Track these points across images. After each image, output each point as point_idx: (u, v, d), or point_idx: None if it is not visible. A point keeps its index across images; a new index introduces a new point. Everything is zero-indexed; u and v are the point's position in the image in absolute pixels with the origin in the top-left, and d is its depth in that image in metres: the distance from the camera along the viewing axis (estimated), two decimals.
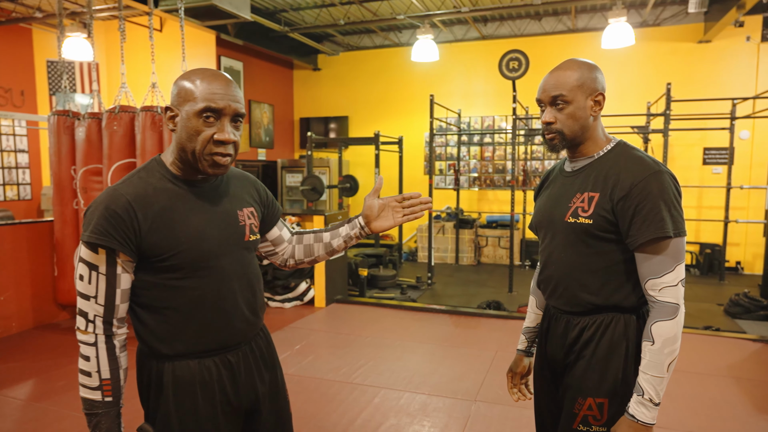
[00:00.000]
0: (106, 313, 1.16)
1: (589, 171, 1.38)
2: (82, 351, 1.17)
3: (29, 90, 7.33)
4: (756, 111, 6.36)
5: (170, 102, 1.21)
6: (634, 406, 1.26)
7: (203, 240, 1.22)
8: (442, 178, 8.67)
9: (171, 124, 1.21)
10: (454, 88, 8.45)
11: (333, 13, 7.50)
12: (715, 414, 3.00)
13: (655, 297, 1.27)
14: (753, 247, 7.16)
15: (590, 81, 1.36)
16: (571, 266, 1.38)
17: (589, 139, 1.39)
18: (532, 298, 1.66)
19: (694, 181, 7.30)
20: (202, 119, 1.16)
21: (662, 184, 1.26)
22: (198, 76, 1.18)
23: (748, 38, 6.95)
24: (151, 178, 1.21)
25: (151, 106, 4.09)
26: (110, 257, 1.15)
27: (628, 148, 1.37)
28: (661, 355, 1.24)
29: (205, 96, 1.16)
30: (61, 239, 4.46)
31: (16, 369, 3.61)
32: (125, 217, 1.14)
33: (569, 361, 1.41)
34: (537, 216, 1.52)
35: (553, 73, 1.38)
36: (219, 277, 1.25)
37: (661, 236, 1.24)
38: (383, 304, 5.39)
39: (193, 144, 1.17)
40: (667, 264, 1.25)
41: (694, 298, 5.76)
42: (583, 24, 7.78)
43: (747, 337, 4.37)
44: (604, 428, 1.34)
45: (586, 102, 1.35)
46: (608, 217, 1.31)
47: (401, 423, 2.88)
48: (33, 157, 7.43)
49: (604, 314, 1.36)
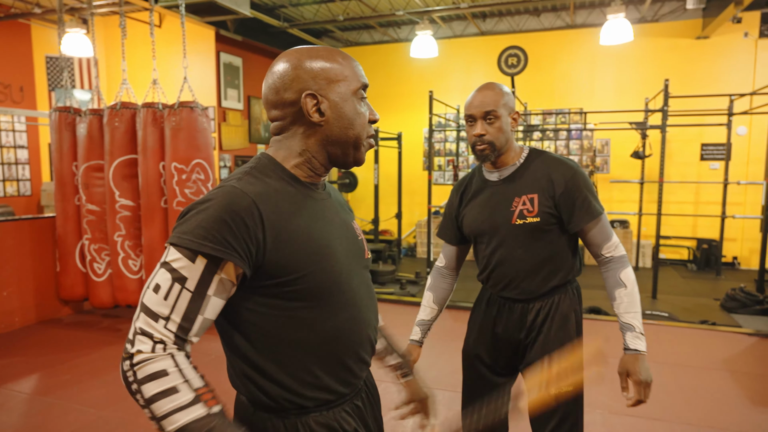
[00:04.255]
0: (177, 340, 0.86)
1: (517, 177, 1.63)
2: (147, 370, 0.82)
3: (28, 86, 7.33)
4: (753, 107, 6.39)
5: (304, 89, 0.96)
6: (632, 341, 1.51)
7: (335, 258, 0.99)
8: (440, 173, 8.70)
9: (316, 116, 0.97)
10: (453, 84, 8.46)
11: (332, 9, 7.50)
12: (712, 407, 3.05)
13: (612, 254, 1.58)
14: (749, 243, 7.21)
15: (510, 101, 1.61)
16: (524, 263, 1.62)
17: (509, 150, 1.64)
18: (429, 294, 1.86)
19: (691, 177, 7.34)
20: (360, 99, 1.00)
21: (584, 177, 1.59)
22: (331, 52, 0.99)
23: (746, 34, 6.97)
24: (269, 178, 0.97)
25: (152, 102, 4.11)
26: (210, 269, 0.86)
27: (544, 153, 1.66)
28: (634, 294, 1.54)
29: (354, 72, 0.99)
30: (63, 235, 4.48)
31: (20, 363, 3.64)
32: (249, 222, 0.88)
33: (528, 341, 1.66)
34: (474, 224, 1.69)
35: (482, 91, 1.61)
36: (353, 304, 1.02)
37: (598, 214, 1.58)
38: (383, 299, 5.43)
39: (356, 130, 0.99)
40: (609, 230, 1.59)
41: (692, 292, 5.80)
42: (581, 20, 7.79)
43: (743, 331, 4.42)
44: (569, 386, 1.55)
45: (508, 118, 1.60)
46: (551, 211, 1.58)
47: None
48: (32, 153, 7.43)
49: (553, 295, 1.64)
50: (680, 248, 7.48)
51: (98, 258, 4.40)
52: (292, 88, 0.96)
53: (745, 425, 2.83)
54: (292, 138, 1.00)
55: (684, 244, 7.45)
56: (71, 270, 4.50)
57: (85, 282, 4.52)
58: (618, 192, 7.58)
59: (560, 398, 1.55)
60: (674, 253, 7.51)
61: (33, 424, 2.80)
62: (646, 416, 2.91)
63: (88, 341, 4.10)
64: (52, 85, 7.56)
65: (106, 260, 4.40)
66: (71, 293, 4.54)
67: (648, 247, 7.26)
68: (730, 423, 2.85)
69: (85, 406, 2.98)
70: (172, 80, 5.58)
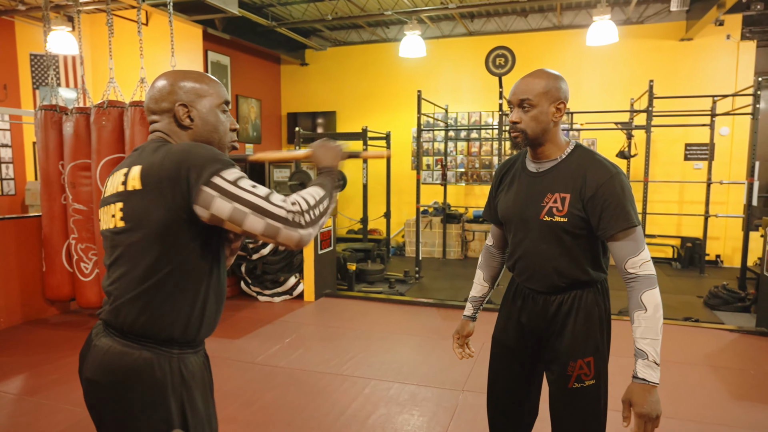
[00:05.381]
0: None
1: (555, 173, 1.58)
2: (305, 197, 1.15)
3: (12, 84, 7.24)
4: (735, 108, 6.52)
5: (179, 99, 1.25)
6: (642, 369, 1.41)
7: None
8: (429, 173, 8.74)
9: (187, 121, 1.25)
10: (441, 84, 8.50)
11: (320, 9, 7.51)
12: (695, 401, 3.11)
13: (636, 272, 1.46)
14: (732, 241, 7.34)
15: (555, 90, 1.54)
16: (547, 257, 1.59)
17: (550, 142, 1.58)
18: (480, 272, 1.91)
19: (675, 177, 7.46)
20: (221, 112, 1.29)
21: (622, 183, 1.49)
22: (199, 75, 1.29)
23: (728, 36, 7.10)
24: None
25: (140, 101, 4.09)
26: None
27: (588, 152, 1.58)
28: (654, 319, 1.42)
29: (217, 90, 1.28)
30: (50, 234, 4.44)
31: (7, 364, 3.61)
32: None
33: (552, 331, 1.63)
34: (506, 211, 1.70)
35: (524, 79, 1.57)
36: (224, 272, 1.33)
37: (630, 225, 1.46)
38: (372, 298, 5.45)
39: (218, 135, 1.28)
40: (639, 245, 1.47)
41: (676, 290, 5.90)
42: (568, 21, 7.87)
43: (725, 327, 4.51)
44: (593, 381, 1.58)
45: (549, 108, 1.54)
46: (580, 214, 1.52)
47: (391, 412, 2.95)
48: (17, 152, 7.34)
49: (575, 290, 1.60)
50: (665, 247, 7.60)
51: (85, 258, 4.37)
52: (168, 100, 1.24)
53: (726, 418, 2.90)
54: (174, 134, 1.25)
55: (668, 243, 7.57)
56: (58, 270, 4.46)
57: (71, 282, 4.48)
58: None
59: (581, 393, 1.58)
60: (659, 252, 7.63)
61: (21, 424, 2.78)
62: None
63: (75, 341, 4.07)
64: (37, 83, 7.48)
65: (94, 260, 4.37)
66: (58, 293, 4.50)
67: None
68: (712, 416, 2.92)
69: (73, 406, 2.96)
70: None
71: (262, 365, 3.63)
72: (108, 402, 1.17)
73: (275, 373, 3.49)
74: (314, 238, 5.37)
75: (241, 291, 5.56)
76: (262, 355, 3.81)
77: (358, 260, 6.51)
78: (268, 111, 9.18)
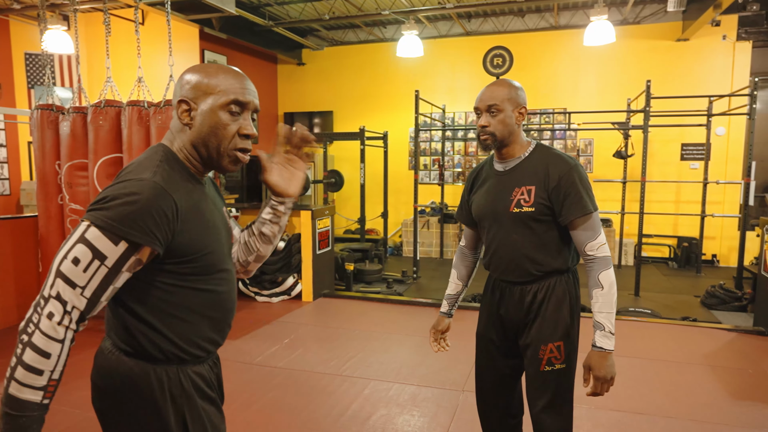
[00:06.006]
0: (86, 309, 1.01)
1: (520, 169, 1.74)
2: (40, 344, 0.98)
3: (7, 83, 7.19)
4: (731, 108, 6.54)
5: (182, 95, 1.15)
6: (600, 339, 1.61)
7: (220, 241, 1.21)
8: (426, 173, 8.74)
9: (186, 119, 1.14)
10: (439, 84, 8.50)
11: (318, 8, 7.49)
12: (693, 400, 3.12)
13: (594, 255, 1.64)
14: (728, 241, 7.37)
15: (516, 97, 1.72)
16: (518, 246, 1.73)
17: (514, 143, 1.75)
18: (455, 271, 2.03)
19: (672, 177, 7.48)
20: (228, 113, 1.14)
21: (580, 174, 1.66)
22: (217, 69, 1.16)
23: (724, 37, 7.13)
24: (174, 172, 1.13)
25: (137, 100, 4.07)
26: (129, 252, 1.02)
27: (547, 148, 1.76)
28: (609, 295, 1.61)
29: (230, 89, 1.14)
30: (46, 235, 4.41)
31: (3, 365, 3.57)
32: (170, 215, 1.05)
33: (528, 320, 1.75)
34: (479, 209, 1.83)
35: (489, 87, 1.73)
36: (229, 279, 1.24)
37: (587, 212, 1.63)
38: (370, 298, 5.44)
39: (218, 138, 1.14)
40: (596, 230, 1.64)
41: (673, 290, 5.92)
42: (565, 21, 7.89)
43: (722, 327, 4.53)
44: (563, 364, 1.71)
45: (513, 112, 1.71)
46: (545, 203, 1.67)
47: (391, 413, 2.94)
48: (11, 152, 7.29)
49: (548, 278, 1.73)
50: (661, 246, 7.63)
51: None
52: (177, 94, 1.16)
53: (725, 417, 2.90)
54: (177, 133, 1.18)
55: (665, 243, 7.59)
56: None
57: None
58: (601, 191, 7.69)
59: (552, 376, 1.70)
60: (656, 251, 7.65)
61: None
62: (629, 410, 2.97)
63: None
64: (32, 82, 7.43)
65: None
66: None
67: (630, 245, 7.38)
68: (711, 416, 2.93)
69: (72, 408, 2.94)
70: (155, 78, 5.52)
71: (260, 366, 3.62)
72: (107, 406, 1.16)
73: (274, 374, 3.48)
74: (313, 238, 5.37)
75: (239, 291, 5.54)
76: (261, 356, 3.80)
77: (355, 260, 6.50)
78: (264, 111, 9.15)
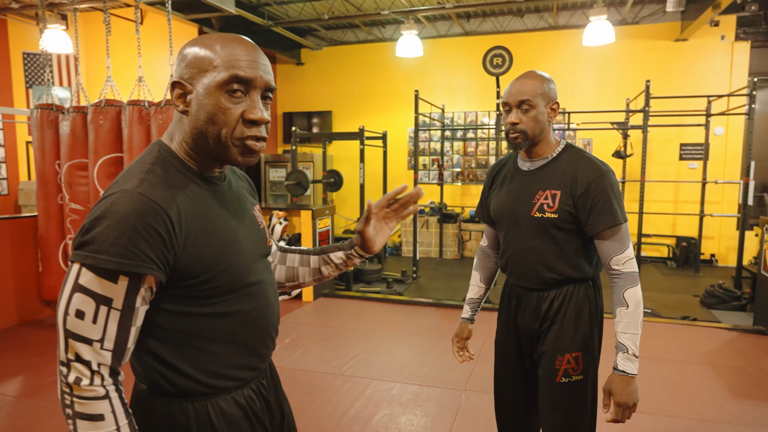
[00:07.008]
0: (114, 361, 0.85)
1: (547, 170, 1.61)
2: (86, 410, 0.83)
3: (5, 83, 7.17)
4: (730, 108, 6.56)
5: (177, 76, 0.92)
6: (622, 362, 1.48)
7: (239, 252, 0.99)
8: (425, 173, 8.74)
9: (181, 105, 0.93)
10: (438, 84, 8.50)
11: (317, 8, 7.48)
12: (694, 399, 3.13)
13: (620, 269, 1.51)
14: (727, 240, 7.40)
15: (549, 91, 1.58)
16: (537, 254, 1.61)
17: (544, 141, 1.62)
18: (476, 273, 1.91)
19: (670, 176, 7.50)
20: (227, 93, 0.90)
21: (612, 182, 1.53)
22: (215, 39, 0.91)
23: (722, 37, 7.15)
24: (170, 175, 0.92)
25: (137, 100, 4.06)
26: (134, 285, 0.84)
27: (578, 150, 1.62)
28: (635, 315, 1.48)
29: (230, 62, 0.89)
30: (45, 235, 4.40)
31: (3, 366, 3.57)
32: (164, 232, 0.85)
33: (544, 329, 1.64)
34: (498, 209, 1.72)
35: (520, 80, 1.59)
36: (260, 293, 1.03)
37: (616, 223, 1.50)
38: (370, 298, 5.44)
39: (217, 127, 0.90)
40: (624, 243, 1.51)
41: (672, 289, 5.93)
42: (564, 21, 7.90)
43: (722, 326, 4.54)
44: (580, 376, 1.60)
45: (546, 108, 1.58)
46: (570, 210, 1.55)
47: (394, 412, 2.94)
48: (9, 152, 7.27)
49: (567, 285, 1.62)
50: (660, 246, 7.64)
51: None
52: (174, 74, 0.94)
53: (727, 416, 2.91)
54: (176, 124, 0.97)
55: (664, 242, 7.61)
56: (54, 270, 4.42)
57: None
58: None
59: (568, 388, 1.60)
60: (654, 251, 7.67)
61: (20, 427, 2.75)
62: None
63: None
64: (30, 82, 7.40)
65: None
66: (54, 294, 4.45)
67: None
68: (712, 414, 2.93)
69: None
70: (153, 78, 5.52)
71: None
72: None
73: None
74: (313, 238, 5.37)
75: None
76: None
77: None
78: None
